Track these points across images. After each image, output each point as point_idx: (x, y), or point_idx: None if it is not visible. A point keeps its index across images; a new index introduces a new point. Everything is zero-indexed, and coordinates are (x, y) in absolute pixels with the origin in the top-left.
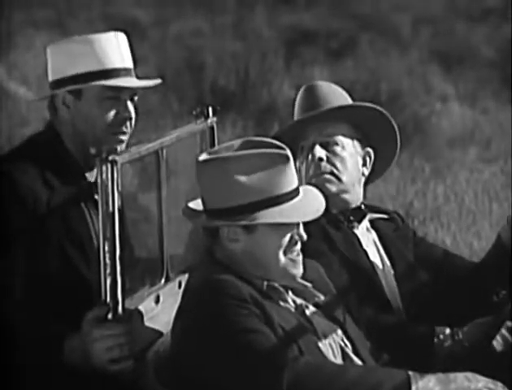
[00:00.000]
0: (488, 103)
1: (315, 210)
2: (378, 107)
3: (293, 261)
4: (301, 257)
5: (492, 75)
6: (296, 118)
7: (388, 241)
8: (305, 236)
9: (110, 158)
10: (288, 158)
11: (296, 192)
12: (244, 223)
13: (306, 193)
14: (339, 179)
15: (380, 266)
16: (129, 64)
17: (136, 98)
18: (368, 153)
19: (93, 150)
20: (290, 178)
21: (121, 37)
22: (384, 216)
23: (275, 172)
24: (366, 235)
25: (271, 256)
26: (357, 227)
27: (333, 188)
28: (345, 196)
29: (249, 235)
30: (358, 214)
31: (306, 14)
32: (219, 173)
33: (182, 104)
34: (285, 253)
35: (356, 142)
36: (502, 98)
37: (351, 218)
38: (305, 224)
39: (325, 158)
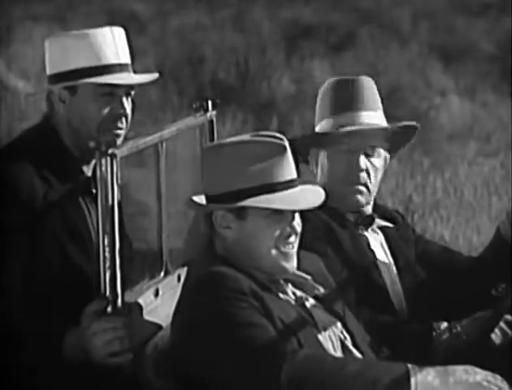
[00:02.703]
0: (487, 97)
1: (310, 202)
2: (417, 125)
3: (285, 254)
4: (295, 250)
5: (491, 69)
6: (321, 109)
7: (392, 240)
8: (299, 230)
9: (110, 151)
10: (285, 149)
11: (292, 183)
12: (231, 205)
13: (305, 188)
14: (369, 191)
15: (385, 265)
16: (125, 59)
17: (132, 93)
18: (387, 159)
19: (92, 144)
20: (286, 168)
21: (118, 32)
22: (390, 225)
23: (270, 161)
24: (372, 235)
25: (262, 246)
26: (367, 229)
27: (363, 200)
28: (366, 207)
29: (241, 222)
30: (367, 220)
31: (306, 8)
32: (216, 159)
33: (182, 97)
34: (277, 245)
35: (387, 154)
36: (502, 92)
37: (358, 221)
38: (307, 224)
39: (365, 169)
